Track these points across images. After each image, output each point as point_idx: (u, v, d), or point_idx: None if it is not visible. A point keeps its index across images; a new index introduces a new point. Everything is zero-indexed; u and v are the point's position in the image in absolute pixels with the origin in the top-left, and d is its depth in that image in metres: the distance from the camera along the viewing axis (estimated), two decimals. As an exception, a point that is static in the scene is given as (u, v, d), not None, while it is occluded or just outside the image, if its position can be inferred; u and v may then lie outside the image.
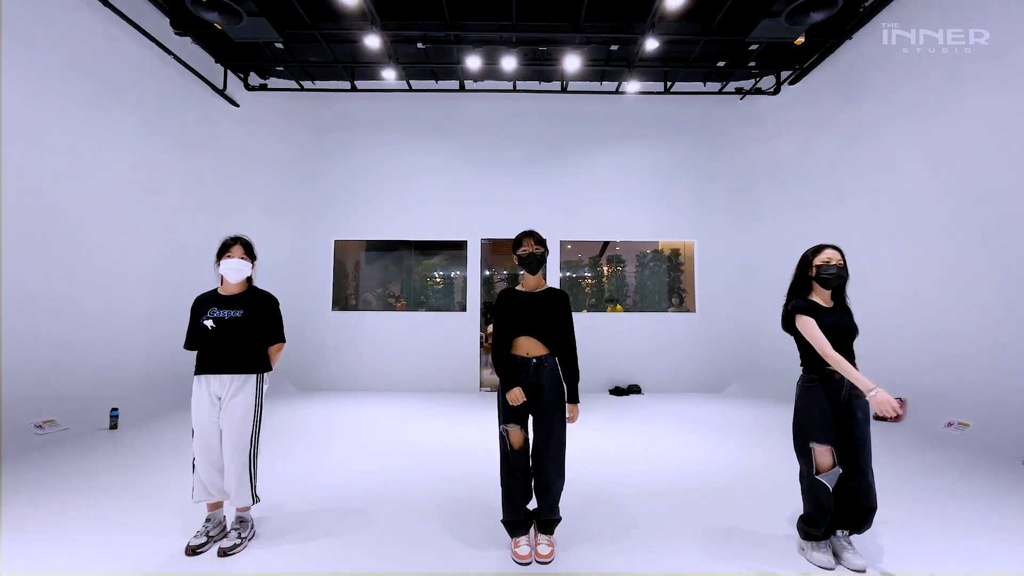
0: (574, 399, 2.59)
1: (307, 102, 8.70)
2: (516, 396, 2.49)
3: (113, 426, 5.22)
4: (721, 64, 7.72)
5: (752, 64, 7.68)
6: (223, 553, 2.49)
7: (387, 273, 10.09)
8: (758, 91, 8.27)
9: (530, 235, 2.66)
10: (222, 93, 7.67)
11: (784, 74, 7.99)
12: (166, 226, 6.69)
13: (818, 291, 2.54)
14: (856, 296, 6.82)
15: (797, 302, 2.51)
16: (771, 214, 8.20)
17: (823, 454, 2.39)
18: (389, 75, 7.65)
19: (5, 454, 4.19)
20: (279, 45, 6.42)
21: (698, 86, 8.55)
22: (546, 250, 2.69)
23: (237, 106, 8.07)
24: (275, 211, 8.47)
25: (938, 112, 5.54)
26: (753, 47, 7.13)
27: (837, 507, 2.45)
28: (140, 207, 6.24)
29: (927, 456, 4.49)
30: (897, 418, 5.69)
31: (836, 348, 2.36)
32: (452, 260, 9.66)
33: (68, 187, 5.26)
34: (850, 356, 2.41)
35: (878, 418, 5.65)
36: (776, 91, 8.13)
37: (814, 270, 2.52)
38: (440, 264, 10.09)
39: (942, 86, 5.50)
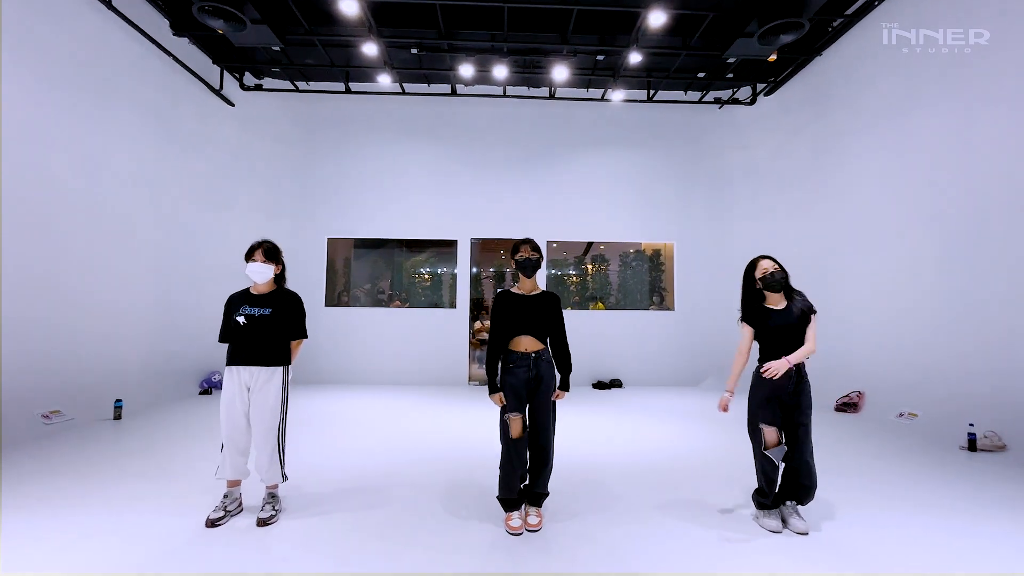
0: (565, 387, 2.97)
1: (302, 102, 8.89)
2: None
3: (117, 416, 5.42)
4: (701, 75, 8.14)
5: (730, 76, 8.11)
6: (262, 523, 2.80)
7: (376, 270, 10.33)
8: (736, 101, 8.71)
9: (527, 243, 2.97)
10: (218, 93, 7.83)
11: (760, 86, 8.45)
12: (164, 223, 6.86)
13: (769, 296, 2.93)
14: (821, 296, 7.32)
15: (745, 312, 2.95)
16: (747, 218, 8.67)
17: (770, 433, 2.80)
18: (384, 80, 7.90)
19: (16, 442, 4.38)
20: (276, 48, 6.63)
21: (679, 95, 8.96)
22: (541, 256, 3.01)
23: (232, 105, 8.23)
24: (269, 209, 8.66)
25: (895, 127, 6.00)
26: (731, 60, 7.55)
27: (784, 482, 2.85)
28: (139, 204, 6.40)
29: (879, 442, 4.95)
30: (855, 407, 6.18)
31: (786, 340, 2.80)
32: (440, 258, 9.95)
33: (69, 185, 5.41)
34: (798, 346, 2.81)
35: (839, 408, 6.14)
36: (752, 101, 8.58)
37: (759, 282, 2.90)
38: (427, 261, 10.37)
39: (899, 102, 5.95)
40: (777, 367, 2.73)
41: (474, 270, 9.22)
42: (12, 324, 4.74)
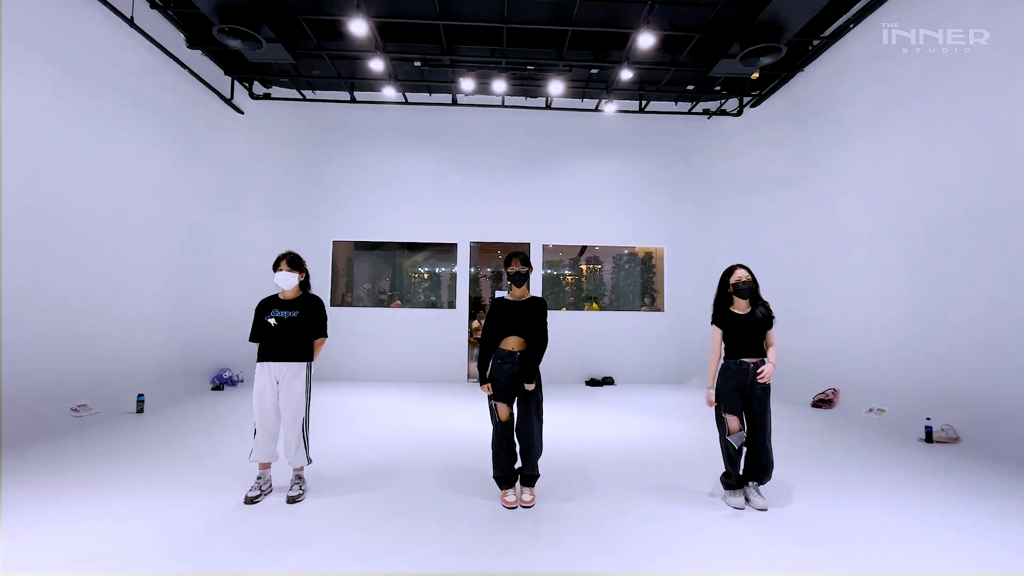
0: (529, 379, 3.19)
1: (308, 111, 9.26)
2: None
3: (140, 410, 5.79)
4: (690, 88, 8.55)
5: (718, 88, 8.52)
6: (291, 501, 3.20)
7: (376, 270, 10.72)
8: (723, 112, 9.13)
9: (518, 256, 3.36)
10: (229, 102, 8.19)
11: (746, 99, 8.86)
12: (176, 227, 7.22)
13: (736, 302, 3.35)
14: (800, 299, 7.67)
15: (715, 315, 3.35)
16: (734, 224, 9.09)
17: (732, 421, 3.23)
18: (388, 90, 8.27)
19: (49, 433, 4.76)
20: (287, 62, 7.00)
21: (670, 106, 9.37)
22: (530, 268, 3.40)
23: (242, 113, 8.59)
24: (277, 212, 9.03)
25: (868, 140, 6.41)
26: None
27: (746, 465, 3.29)
28: (154, 209, 6.76)
29: (846, 435, 5.39)
30: (830, 404, 6.61)
31: (749, 341, 3.23)
32: (439, 259, 10.35)
33: (93, 192, 5.76)
34: (759, 347, 3.24)
35: (815, 405, 6.57)
36: (739, 113, 9.00)
37: (731, 287, 3.32)
38: (425, 261, 10.76)
39: (872, 118, 6.36)
40: (769, 372, 3.19)
41: (472, 270, 9.62)
42: (43, 325, 5.12)
